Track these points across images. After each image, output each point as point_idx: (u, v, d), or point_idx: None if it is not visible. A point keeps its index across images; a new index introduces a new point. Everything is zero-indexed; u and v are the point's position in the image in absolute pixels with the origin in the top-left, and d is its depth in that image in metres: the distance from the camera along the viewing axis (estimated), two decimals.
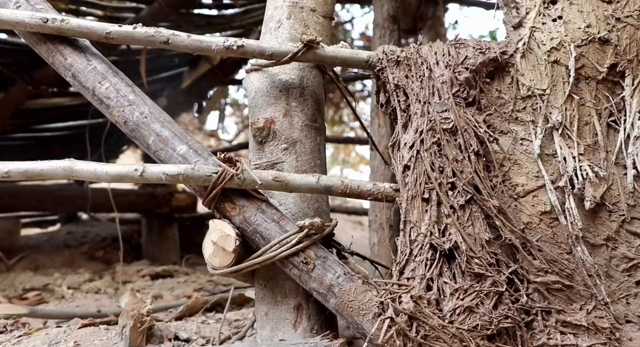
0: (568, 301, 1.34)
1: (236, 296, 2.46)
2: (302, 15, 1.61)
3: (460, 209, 1.36)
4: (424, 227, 1.36)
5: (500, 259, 1.34)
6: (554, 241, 1.37)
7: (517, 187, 1.41)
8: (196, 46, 1.47)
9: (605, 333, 1.31)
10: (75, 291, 3.34)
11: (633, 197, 1.39)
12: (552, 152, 1.41)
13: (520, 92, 1.45)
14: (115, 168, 1.39)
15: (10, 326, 2.06)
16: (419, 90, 1.46)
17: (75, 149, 5.04)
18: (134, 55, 4.33)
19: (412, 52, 1.51)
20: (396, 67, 1.51)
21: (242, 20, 4.68)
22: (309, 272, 1.35)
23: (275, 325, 1.46)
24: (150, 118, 1.46)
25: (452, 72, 1.43)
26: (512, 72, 1.46)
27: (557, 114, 1.42)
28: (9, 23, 1.44)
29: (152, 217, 4.97)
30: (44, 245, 4.86)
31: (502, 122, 1.44)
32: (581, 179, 1.37)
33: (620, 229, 1.38)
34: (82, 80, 1.49)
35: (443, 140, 1.39)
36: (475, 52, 1.45)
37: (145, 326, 1.68)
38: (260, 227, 1.38)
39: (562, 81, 1.44)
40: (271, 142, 1.52)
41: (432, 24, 4.44)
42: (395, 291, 1.30)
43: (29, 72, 4.14)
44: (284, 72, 1.55)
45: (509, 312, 1.29)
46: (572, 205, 1.36)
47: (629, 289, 1.36)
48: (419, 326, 1.25)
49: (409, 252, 1.36)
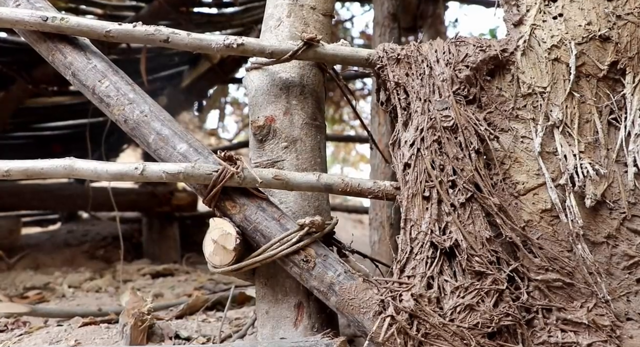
0: (569, 299, 1.34)
1: (237, 295, 2.46)
2: (302, 14, 1.61)
3: (461, 207, 1.35)
4: (425, 226, 1.35)
5: (500, 257, 1.34)
6: (555, 238, 1.37)
7: (517, 185, 1.40)
8: (196, 45, 1.46)
9: (606, 331, 1.31)
10: (76, 289, 3.34)
11: (634, 194, 1.39)
12: (553, 150, 1.41)
13: (520, 89, 1.44)
14: (115, 167, 1.38)
15: (11, 325, 2.06)
16: (419, 88, 1.46)
17: (76, 147, 5.04)
18: (134, 54, 4.33)
19: (413, 50, 1.51)
20: (396, 65, 1.50)
21: (242, 18, 4.67)
22: (310, 271, 1.35)
23: (276, 323, 1.46)
24: (150, 117, 1.46)
25: (453, 70, 1.43)
26: (512, 69, 1.46)
27: (557, 111, 1.42)
28: (8, 21, 1.44)
29: (152, 216, 4.97)
30: (44, 244, 4.86)
31: (502, 120, 1.44)
32: (582, 176, 1.37)
33: (620, 227, 1.38)
34: (82, 78, 1.49)
35: (443, 138, 1.39)
36: (475, 50, 1.45)
37: (146, 324, 1.68)
38: (260, 226, 1.38)
39: (562, 79, 1.44)
40: (271, 140, 1.52)
41: (432, 22, 4.43)
42: (396, 289, 1.30)
43: (29, 70, 4.14)
44: (284, 71, 1.55)
45: (510, 310, 1.29)
46: (572, 203, 1.36)
47: (630, 287, 1.36)
48: (420, 324, 1.25)
49: (410, 250, 1.36)
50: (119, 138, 5.17)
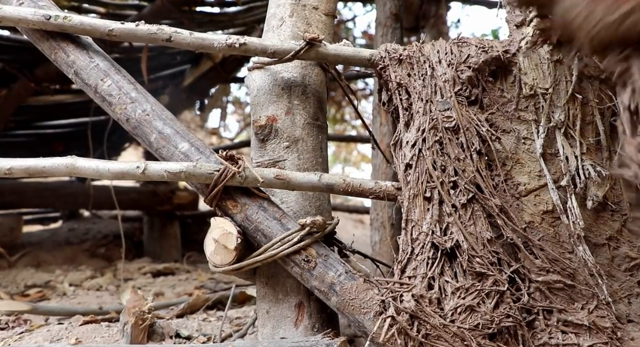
0: (570, 301, 1.34)
1: (237, 294, 2.47)
2: (305, 13, 1.61)
3: (462, 208, 1.35)
4: (426, 226, 1.35)
5: (501, 258, 1.34)
6: (556, 240, 1.37)
7: (519, 186, 1.40)
8: (198, 44, 1.46)
9: (607, 333, 1.31)
10: (76, 288, 3.35)
11: (635, 196, 1.39)
12: (555, 152, 1.41)
13: (522, 91, 1.44)
14: (117, 165, 1.39)
15: (12, 323, 2.06)
16: (421, 89, 1.46)
17: (78, 146, 5.04)
18: (136, 53, 4.33)
19: (415, 51, 1.51)
20: (398, 65, 1.50)
21: (244, 18, 4.67)
22: (311, 271, 1.35)
23: (277, 323, 1.46)
24: (152, 116, 1.46)
25: (455, 71, 1.43)
26: (514, 71, 1.46)
27: (559, 113, 1.41)
28: (11, 20, 1.44)
29: (153, 215, 4.97)
30: (45, 242, 4.87)
31: (504, 121, 1.44)
32: (583, 178, 1.37)
33: (622, 229, 1.38)
34: (84, 77, 1.49)
35: (445, 139, 1.39)
36: (477, 50, 1.45)
37: (146, 323, 1.68)
38: (261, 225, 1.38)
39: (564, 80, 1.44)
40: (273, 140, 1.52)
41: (434, 23, 4.42)
42: (397, 290, 1.30)
43: (31, 69, 4.14)
44: (286, 70, 1.55)
45: (510, 311, 1.29)
46: (574, 204, 1.36)
47: (631, 289, 1.36)
48: (420, 324, 1.25)
49: (411, 250, 1.36)
50: (120, 137, 5.17)
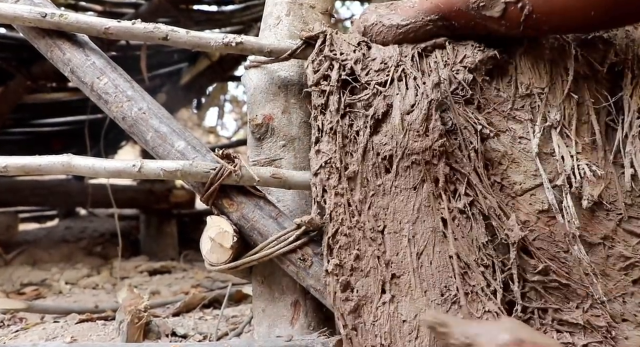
0: (565, 300, 1.35)
1: (234, 293, 2.47)
2: (302, 12, 1.61)
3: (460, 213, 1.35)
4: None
5: (494, 261, 1.34)
6: (551, 239, 1.37)
7: (514, 186, 1.40)
8: (195, 42, 1.46)
9: (602, 332, 1.31)
10: (73, 286, 3.34)
11: (630, 196, 1.39)
12: (550, 151, 1.41)
13: (519, 90, 1.44)
14: (113, 164, 1.38)
15: (8, 321, 2.06)
16: None
17: (75, 144, 5.03)
18: (132, 51, 4.32)
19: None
20: None
21: (241, 16, 4.66)
22: (307, 269, 1.36)
23: (273, 322, 1.46)
24: (148, 114, 1.46)
25: (450, 70, 1.43)
26: (511, 70, 1.46)
27: (555, 112, 1.42)
28: (7, 17, 1.44)
29: (150, 213, 4.96)
30: (42, 240, 4.86)
31: (500, 120, 1.44)
32: (579, 177, 1.37)
33: (617, 228, 1.38)
34: (80, 75, 1.49)
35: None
36: (474, 50, 1.45)
37: (142, 321, 1.68)
38: (258, 224, 1.39)
39: (560, 80, 1.44)
40: (269, 138, 1.52)
41: None
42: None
43: (27, 66, 4.13)
44: (283, 69, 1.55)
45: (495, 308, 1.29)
46: (569, 204, 1.36)
47: (626, 288, 1.36)
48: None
49: None
50: (117, 135, 5.16)
